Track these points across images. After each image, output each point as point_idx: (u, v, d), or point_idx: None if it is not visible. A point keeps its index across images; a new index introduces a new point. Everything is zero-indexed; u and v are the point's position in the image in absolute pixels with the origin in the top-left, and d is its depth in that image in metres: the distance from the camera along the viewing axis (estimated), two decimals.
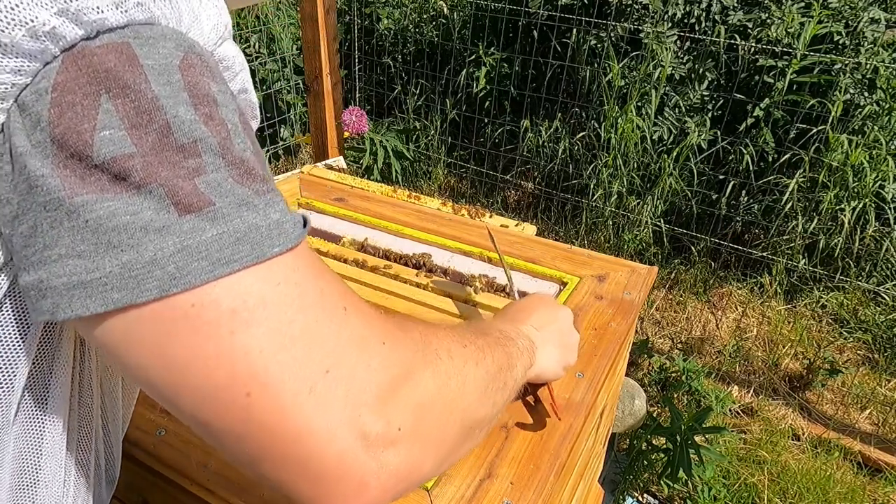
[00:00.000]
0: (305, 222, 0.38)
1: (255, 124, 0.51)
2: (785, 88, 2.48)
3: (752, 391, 2.23)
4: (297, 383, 0.34)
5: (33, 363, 0.40)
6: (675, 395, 2.05)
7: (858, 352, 2.43)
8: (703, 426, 1.62)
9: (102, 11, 0.32)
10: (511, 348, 0.56)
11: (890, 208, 2.40)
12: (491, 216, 1.18)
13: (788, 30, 2.49)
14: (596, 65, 2.86)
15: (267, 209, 0.35)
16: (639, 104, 2.69)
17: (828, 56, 2.43)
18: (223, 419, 0.34)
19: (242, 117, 0.38)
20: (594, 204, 2.82)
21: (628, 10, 2.81)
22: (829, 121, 2.38)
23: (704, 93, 2.71)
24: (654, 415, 1.96)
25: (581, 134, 2.95)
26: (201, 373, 0.33)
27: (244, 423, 0.34)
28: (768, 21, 2.54)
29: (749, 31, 2.62)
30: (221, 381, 0.33)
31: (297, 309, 0.35)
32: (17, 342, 0.38)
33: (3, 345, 0.38)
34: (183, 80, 0.34)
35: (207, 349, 0.33)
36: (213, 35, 0.40)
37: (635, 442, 1.80)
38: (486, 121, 3.33)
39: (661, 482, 1.69)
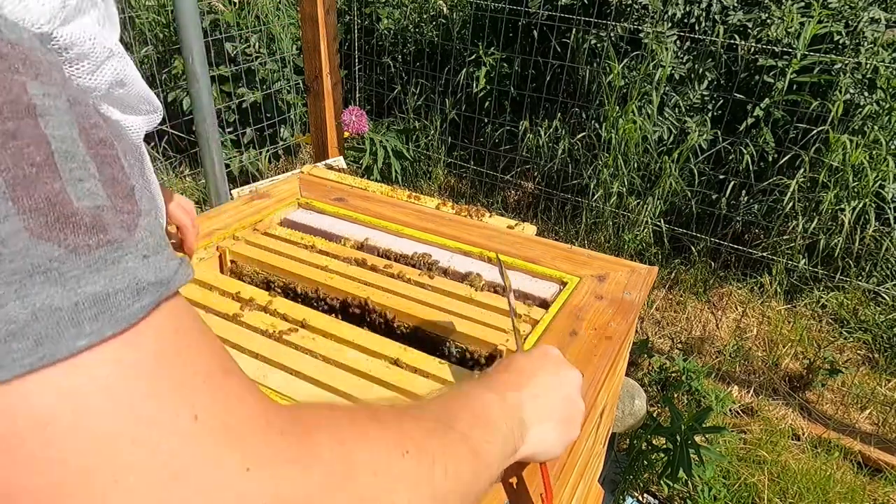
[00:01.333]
0: (175, 277, 0.27)
1: (158, 118, 0.42)
2: (785, 88, 2.48)
3: (752, 391, 2.23)
4: None
5: None
6: (675, 395, 2.05)
7: (858, 352, 2.43)
8: (703, 426, 1.62)
9: None
10: (486, 436, 0.45)
11: (890, 208, 2.40)
12: (491, 216, 1.18)
13: (788, 30, 2.49)
14: (596, 65, 2.86)
15: (84, 276, 0.24)
16: (639, 104, 2.69)
17: (828, 56, 2.44)
18: None
19: (95, 132, 0.27)
20: (594, 204, 2.82)
21: (628, 10, 2.81)
22: (830, 121, 2.38)
23: (704, 93, 2.71)
24: (654, 415, 1.96)
25: (581, 134, 2.95)
26: None
27: None
28: (768, 21, 2.54)
29: (749, 30, 2.62)
30: None
31: (99, 433, 0.24)
32: None
33: None
34: None
35: None
36: (47, 7, 0.28)
37: (635, 442, 1.80)
38: (485, 121, 3.33)
39: (661, 482, 1.69)
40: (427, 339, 0.87)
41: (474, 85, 3.24)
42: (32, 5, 0.27)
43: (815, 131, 2.41)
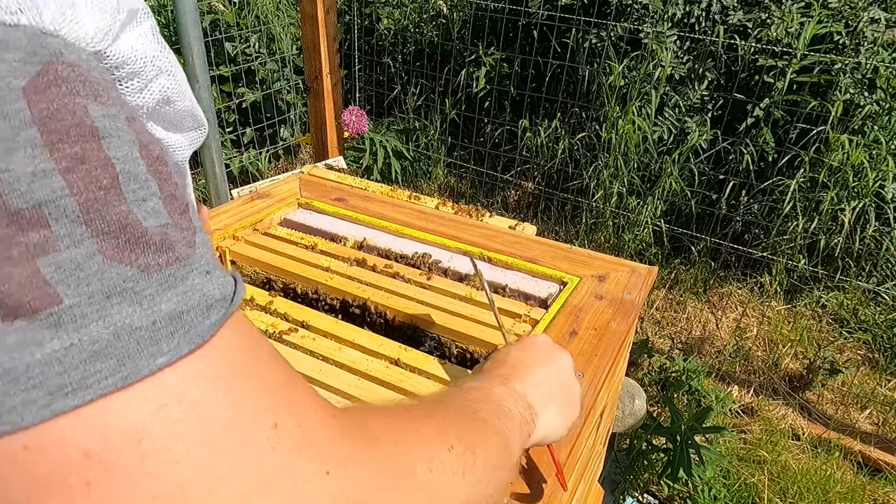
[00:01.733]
0: (236, 293, 0.28)
1: (203, 134, 0.42)
2: (785, 88, 2.48)
3: (752, 391, 2.23)
4: None
5: None
6: (675, 395, 2.05)
7: (858, 351, 2.43)
8: (703, 426, 1.63)
9: None
10: (508, 425, 0.48)
11: (890, 208, 2.40)
12: (491, 216, 1.18)
13: (788, 30, 2.49)
14: (596, 65, 2.86)
15: (158, 295, 0.25)
16: (639, 104, 2.69)
17: (828, 56, 2.44)
18: None
19: (150, 149, 0.27)
20: (594, 204, 2.82)
21: (628, 9, 2.82)
22: (829, 121, 2.38)
23: (704, 93, 2.71)
24: (655, 415, 1.96)
25: (581, 134, 2.95)
26: None
27: None
28: (768, 21, 2.54)
29: (749, 31, 2.62)
30: None
31: (191, 442, 0.24)
32: None
33: None
34: (31, 109, 0.23)
35: None
36: (101, 25, 0.28)
37: (635, 442, 1.80)
38: (485, 121, 3.33)
39: (662, 482, 1.69)
40: (427, 339, 0.87)
41: (474, 85, 3.24)
42: (87, 23, 0.27)
43: (815, 131, 2.41)
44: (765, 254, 2.58)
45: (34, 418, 0.22)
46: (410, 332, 0.88)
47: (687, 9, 2.72)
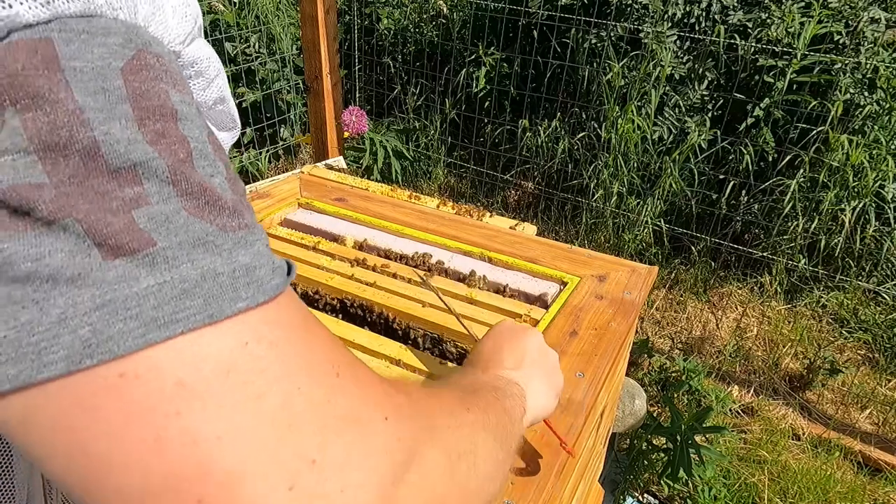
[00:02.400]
0: (290, 269, 0.31)
1: (235, 135, 0.46)
2: (785, 88, 2.48)
3: (752, 391, 2.23)
4: (271, 480, 0.25)
5: None
6: (676, 395, 2.05)
7: (859, 351, 2.43)
8: (704, 426, 1.62)
9: (11, 5, 0.24)
10: (506, 401, 0.51)
11: (890, 208, 2.40)
12: (491, 216, 1.18)
13: (788, 29, 2.49)
14: (596, 64, 2.86)
15: (234, 251, 0.28)
16: (639, 104, 2.69)
17: (828, 56, 2.44)
18: None
19: (213, 137, 0.30)
20: (594, 204, 2.82)
21: (628, 9, 2.81)
22: (830, 121, 2.38)
23: (704, 93, 2.71)
24: (655, 415, 1.96)
25: (581, 134, 2.95)
26: (131, 470, 0.24)
27: None
28: (768, 21, 2.54)
29: (749, 30, 2.62)
30: (160, 482, 0.24)
31: (272, 378, 0.27)
32: None
33: None
34: (126, 87, 0.26)
35: (141, 436, 0.24)
36: (181, 29, 0.33)
37: (636, 442, 1.80)
38: (485, 121, 3.33)
39: (662, 482, 1.69)
40: (427, 338, 0.87)
41: (474, 85, 3.24)
42: (172, 26, 0.32)
43: (815, 131, 2.41)
44: (765, 254, 2.58)
45: (130, 347, 0.24)
46: (410, 331, 0.88)
47: (687, 9, 2.72)
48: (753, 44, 2.56)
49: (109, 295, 0.24)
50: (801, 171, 2.46)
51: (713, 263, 2.72)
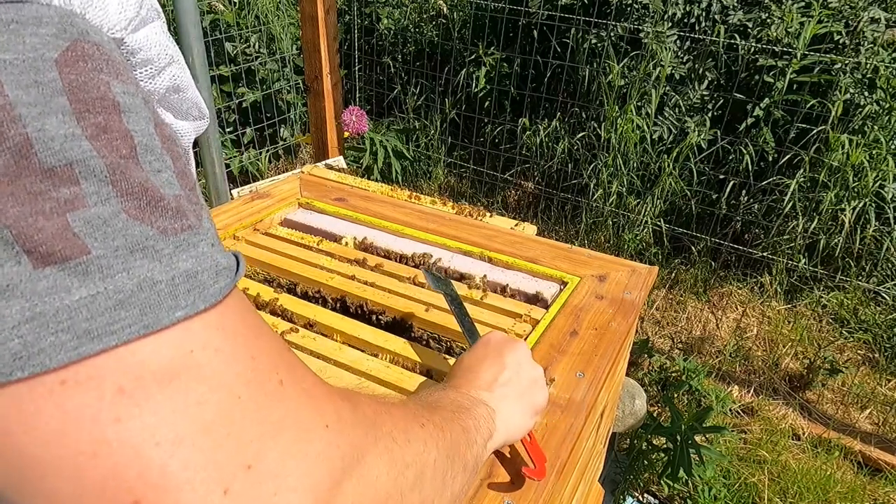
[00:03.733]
0: (238, 266, 0.30)
1: (202, 125, 0.44)
2: (785, 88, 2.48)
3: (752, 391, 2.23)
4: (207, 485, 0.25)
5: None
6: (676, 395, 2.05)
7: (859, 351, 2.43)
8: (704, 426, 1.62)
9: None
10: (468, 421, 0.50)
11: (890, 208, 2.40)
12: (491, 216, 1.18)
13: (788, 29, 2.49)
14: (596, 64, 2.86)
15: (175, 255, 0.26)
16: (639, 104, 2.69)
17: (828, 56, 2.44)
18: None
19: (163, 128, 0.29)
20: (594, 204, 2.82)
21: (628, 9, 2.82)
22: (829, 121, 2.38)
23: (704, 92, 2.71)
24: (655, 414, 1.96)
25: (581, 134, 2.95)
26: (67, 474, 0.24)
27: None
28: (768, 21, 2.54)
29: (749, 30, 2.62)
30: (95, 487, 0.24)
31: (214, 385, 0.26)
32: None
33: None
34: (62, 79, 0.25)
35: (79, 442, 0.24)
36: (124, 16, 0.31)
37: (636, 442, 1.80)
38: (485, 120, 3.33)
39: (662, 482, 1.69)
40: (427, 338, 0.87)
41: (474, 85, 3.24)
42: (112, 13, 0.31)
43: (815, 131, 2.41)
44: (765, 254, 2.58)
45: (62, 360, 0.24)
46: (410, 331, 0.88)
47: (687, 9, 2.72)
48: (753, 44, 2.56)
49: (40, 307, 0.23)
50: (801, 170, 2.46)
51: (713, 263, 2.72)
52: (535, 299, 0.95)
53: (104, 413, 0.24)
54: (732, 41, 2.61)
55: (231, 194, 1.77)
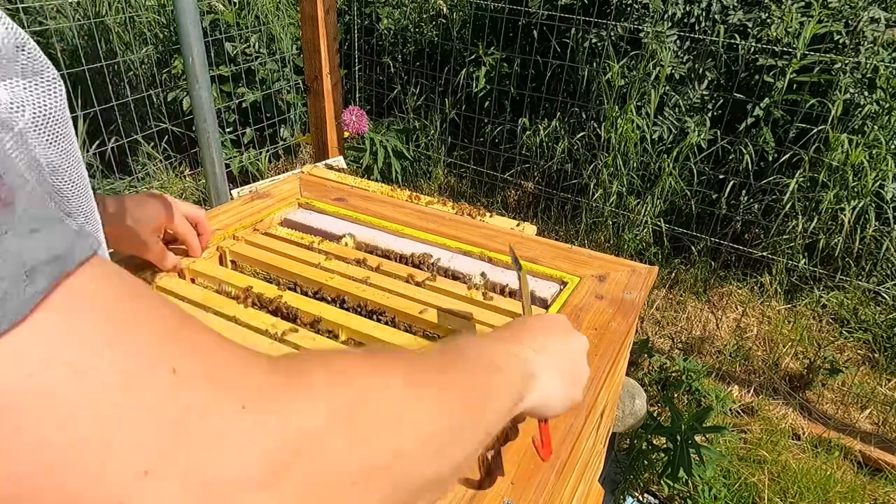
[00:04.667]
0: (79, 246, 0.25)
1: (47, 81, 0.32)
2: (785, 88, 2.48)
3: (752, 391, 2.23)
4: (104, 494, 0.23)
5: None
6: (676, 395, 2.05)
7: (859, 351, 2.43)
8: (704, 426, 1.63)
9: None
10: (494, 377, 0.46)
11: (890, 208, 2.40)
12: (492, 216, 1.18)
13: (788, 29, 2.49)
14: (596, 64, 2.86)
15: None
16: (638, 104, 2.69)
17: (828, 56, 2.44)
18: None
19: None
20: (594, 204, 2.82)
21: (628, 9, 2.82)
22: (829, 120, 2.38)
23: (704, 92, 2.71)
24: (655, 414, 1.96)
25: (581, 134, 2.95)
26: None
27: None
28: (768, 21, 2.54)
29: (749, 30, 2.62)
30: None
31: (77, 402, 0.23)
32: None
33: None
34: None
35: None
36: None
37: (636, 441, 1.80)
38: (485, 120, 3.33)
39: (662, 482, 1.69)
40: (427, 338, 0.87)
41: (474, 85, 3.24)
42: None
43: (814, 131, 2.41)
44: (765, 253, 2.58)
45: None
46: (410, 332, 0.88)
47: (687, 8, 2.72)
48: (753, 43, 2.56)
49: None
50: (801, 170, 2.46)
51: (713, 263, 2.72)
52: (534, 299, 0.95)
53: None
54: (732, 41, 2.61)
55: (231, 194, 1.77)
